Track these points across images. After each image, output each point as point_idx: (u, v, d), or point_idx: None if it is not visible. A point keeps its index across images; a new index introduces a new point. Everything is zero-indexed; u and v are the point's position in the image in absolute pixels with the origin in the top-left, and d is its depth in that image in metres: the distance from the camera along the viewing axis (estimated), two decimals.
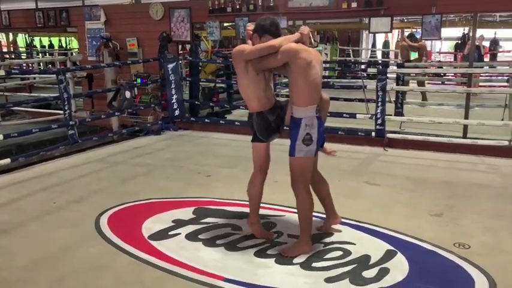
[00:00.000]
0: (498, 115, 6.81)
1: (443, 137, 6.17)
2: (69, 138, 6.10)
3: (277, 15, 7.01)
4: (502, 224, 3.86)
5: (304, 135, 3.19)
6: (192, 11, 7.72)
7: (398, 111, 7.24)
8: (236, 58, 3.36)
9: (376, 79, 6.22)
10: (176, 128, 7.82)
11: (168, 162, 5.90)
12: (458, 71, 9.50)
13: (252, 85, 3.34)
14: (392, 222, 3.86)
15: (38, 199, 4.58)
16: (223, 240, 3.56)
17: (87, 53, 8.79)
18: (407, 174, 5.28)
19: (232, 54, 3.43)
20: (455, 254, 3.30)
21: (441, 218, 3.99)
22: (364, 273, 3.06)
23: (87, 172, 5.50)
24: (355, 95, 7.33)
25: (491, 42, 13.90)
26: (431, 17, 6.28)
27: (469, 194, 4.62)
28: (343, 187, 4.81)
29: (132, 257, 3.31)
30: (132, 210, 4.26)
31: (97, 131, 8.07)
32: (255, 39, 3.32)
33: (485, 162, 5.77)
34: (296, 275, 3.06)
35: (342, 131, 6.56)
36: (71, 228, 3.84)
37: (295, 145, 3.23)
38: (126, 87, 7.28)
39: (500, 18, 12.64)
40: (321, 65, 3.37)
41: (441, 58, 16.35)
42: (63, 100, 6.00)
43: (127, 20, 8.29)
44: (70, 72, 7.81)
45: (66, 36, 17.15)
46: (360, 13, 7.23)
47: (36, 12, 9.22)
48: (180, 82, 7.67)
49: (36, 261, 3.28)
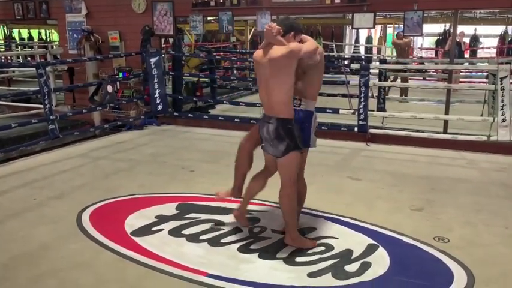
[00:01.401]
0: (477, 111, 6.94)
1: (424, 132, 6.27)
2: (50, 133, 6.01)
3: (261, 10, 7.03)
4: (480, 218, 3.95)
5: (316, 126, 3.45)
6: (175, 5, 7.64)
7: (380, 107, 7.32)
8: (293, 56, 3.11)
9: (359, 75, 6.27)
10: (159, 123, 7.77)
11: (151, 158, 5.86)
12: (440, 67, 9.62)
13: (292, 88, 3.21)
14: (373, 216, 3.91)
15: (17, 195, 4.50)
16: (207, 235, 3.56)
17: (68, 46, 8.64)
18: (389, 169, 5.35)
19: (290, 52, 3.08)
20: (435, 248, 3.36)
21: (421, 212, 4.06)
22: (346, 267, 3.10)
23: (69, 168, 5.42)
24: (338, 90, 7.37)
25: (471, 39, 14.12)
26: (413, 13, 6.35)
27: (449, 188, 4.71)
28: (326, 182, 4.86)
29: (114, 254, 3.29)
30: (115, 206, 4.22)
31: (78, 126, 7.94)
32: (290, 38, 3.18)
33: (465, 157, 5.88)
34: (279, 269, 3.09)
35: (325, 126, 6.59)
36: (51, 224, 3.79)
37: (310, 137, 3.38)
38: (108, 81, 7.20)
39: (480, 15, 12.85)
40: None
41: (423, 54, 16.55)
42: (43, 94, 5.90)
43: (109, 13, 8.16)
44: (51, 66, 7.68)
45: (46, 29, 16.81)
46: (343, 9, 7.26)
47: (15, 3, 9.01)
48: (163, 76, 7.61)
49: (16, 259, 3.23)
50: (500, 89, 5.61)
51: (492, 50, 14.66)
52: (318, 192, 4.49)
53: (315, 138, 3.47)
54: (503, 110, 5.62)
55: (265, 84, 3.23)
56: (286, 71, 3.13)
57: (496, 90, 5.71)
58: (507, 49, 13.16)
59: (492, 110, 6.21)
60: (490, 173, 5.30)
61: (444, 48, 12.88)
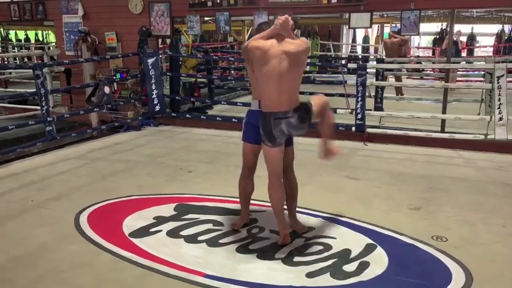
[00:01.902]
0: (475, 109, 6.95)
1: (421, 131, 6.28)
2: (47, 135, 6.00)
3: (258, 10, 7.03)
4: (478, 216, 3.96)
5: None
6: (172, 5, 7.64)
7: (378, 106, 7.32)
8: (307, 52, 3.32)
9: (356, 74, 6.28)
10: (157, 124, 7.76)
11: (149, 158, 5.85)
12: (437, 67, 9.63)
13: None
14: (372, 216, 3.92)
15: (15, 197, 4.49)
16: (205, 236, 3.55)
17: (64, 48, 8.63)
18: (387, 168, 5.36)
19: (306, 48, 3.27)
20: (433, 247, 3.37)
21: (419, 211, 4.07)
22: (345, 267, 3.10)
23: (66, 169, 5.41)
24: (336, 89, 7.38)
25: (468, 38, 14.17)
26: (410, 12, 6.37)
27: (447, 187, 4.71)
28: (324, 181, 4.86)
29: (112, 255, 3.28)
30: (113, 207, 4.22)
31: (76, 127, 7.94)
32: (294, 35, 3.29)
33: (462, 156, 5.89)
34: (278, 270, 3.08)
35: None
36: (49, 226, 3.78)
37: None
38: (105, 82, 7.19)
39: (477, 13, 12.88)
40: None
41: (420, 53, 16.59)
42: (40, 96, 5.89)
43: (106, 14, 8.16)
44: (47, 67, 7.66)
45: (43, 30, 16.78)
46: (340, 8, 7.27)
47: (11, 5, 8.99)
48: (160, 77, 7.61)
49: (14, 260, 3.22)
50: (497, 87, 5.63)
51: (489, 48, 14.72)
52: (316, 192, 4.49)
53: None
54: (500, 108, 5.63)
55: (278, 77, 3.14)
56: (302, 66, 3.30)
57: (493, 89, 5.72)
58: (504, 48, 13.20)
59: (489, 109, 6.22)
60: (487, 171, 5.31)
61: (441, 47, 12.92)
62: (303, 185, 4.69)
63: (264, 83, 3.23)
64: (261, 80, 3.25)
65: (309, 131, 3.32)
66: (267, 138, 3.26)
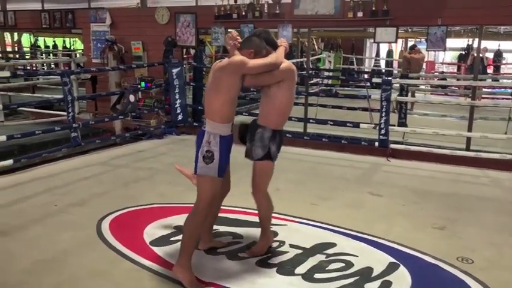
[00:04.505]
0: (501, 128, 6.80)
1: (446, 148, 6.16)
2: (72, 141, 6.10)
3: (283, 22, 7.05)
4: (504, 238, 3.85)
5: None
6: (197, 16, 7.74)
7: (401, 122, 7.23)
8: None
9: (381, 89, 6.22)
10: (179, 133, 7.82)
11: (170, 167, 5.86)
12: (463, 83, 9.48)
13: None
14: (394, 234, 3.85)
15: (39, 201, 4.56)
16: (225, 248, 3.54)
17: (91, 55, 8.81)
18: (410, 185, 5.27)
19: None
20: (458, 269, 3.28)
21: (444, 231, 3.98)
22: (367, 285, 3.04)
23: (89, 175, 5.48)
24: (359, 103, 7.33)
25: (495, 54, 13.93)
26: (436, 28, 6.29)
27: (472, 207, 4.61)
28: (346, 197, 4.80)
29: (133, 263, 3.29)
30: (134, 214, 4.25)
31: (100, 134, 8.06)
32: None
33: (488, 175, 5.76)
34: (297, 285, 3.04)
35: (344, 140, 6.56)
36: (72, 232, 3.82)
37: None
38: (130, 90, 7.29)
39: (504, 30, 12.67)
40: None
41: (444, 69, 16.37)
42: (67, 102, 6.00)
43: (132, 23, 8.32)
44: (75, 75, 7.82)
45: (70, 37, 17.21)
46: (366, 23, 7.23)
47: (42, 13, 9.25)
48: (184, 87, 7.68)
49: (37, 265, 3.26)
50: None
51: None
52: (337, 207, 4.45)
53: None
54: None
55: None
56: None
57: None
58: None
59: None
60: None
61: (467, 63, 12.73)
62: (324, 199, 4.68)
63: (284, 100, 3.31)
64: (280, 98, 3.27)
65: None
66: (276, 155, 3.37)
